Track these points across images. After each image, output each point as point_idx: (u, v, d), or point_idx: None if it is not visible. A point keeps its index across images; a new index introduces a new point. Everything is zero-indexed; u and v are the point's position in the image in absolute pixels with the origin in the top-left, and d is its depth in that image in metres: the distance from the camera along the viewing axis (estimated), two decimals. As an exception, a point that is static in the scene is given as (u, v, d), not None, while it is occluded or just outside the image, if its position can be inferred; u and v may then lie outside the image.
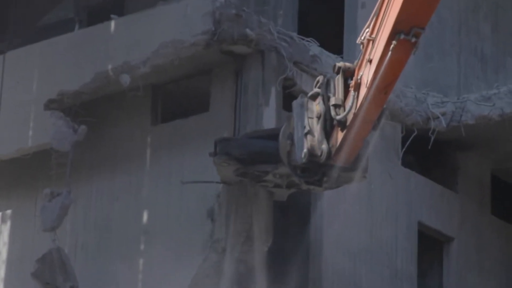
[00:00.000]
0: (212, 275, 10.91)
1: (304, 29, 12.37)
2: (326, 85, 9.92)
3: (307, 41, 11.68)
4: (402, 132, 12.54)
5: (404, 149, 11.32)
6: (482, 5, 13.17)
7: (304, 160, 10.04)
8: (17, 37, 13.16)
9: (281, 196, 11.17)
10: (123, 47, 11.73)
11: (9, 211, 12.46)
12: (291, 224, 11.29)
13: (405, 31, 8.83)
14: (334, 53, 11.92)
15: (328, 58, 11.62)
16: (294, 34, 11.72)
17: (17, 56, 12.54)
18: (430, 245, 12.58)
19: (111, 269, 11.67)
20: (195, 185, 11.44)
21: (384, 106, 9.87)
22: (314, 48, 11.56)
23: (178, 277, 11.09)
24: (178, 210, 11.45)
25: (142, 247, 11.55)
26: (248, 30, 10.96)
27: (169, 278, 11.12)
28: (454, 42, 11.87)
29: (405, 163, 11.95)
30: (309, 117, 9.99)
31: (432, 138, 12.06)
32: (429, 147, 12.12)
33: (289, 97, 11.35)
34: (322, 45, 11.78)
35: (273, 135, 10.62)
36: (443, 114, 12.20)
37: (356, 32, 12.00)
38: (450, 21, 13.13)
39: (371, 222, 11.33)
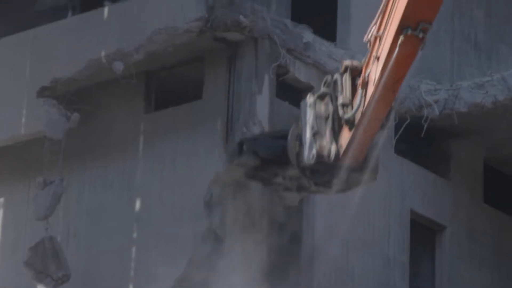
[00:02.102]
0: (204, 266, 10.93)
1: (298, 16, 12.34)
2: (334, 84, 9.92)
3: (300, 28, 11.67)
4: (395, 120, 11.99)
5: (397, 137, 11.33)
6: None
7: (312, 161, 10.04)
8: (9, 23, 13.04)
9: (292, 201, 11.19)
10: (116, 34, 11.78)
11: (1, 199, 12.52)
12: (284, 213, 11.24)
13: (412, 26, 8.84)
14: (327, 40, 11.93)
15: (321, 45, 11.68)
16: (288, 21, 11.76)
17: (9, 43, 12.56)
18: (422, 234, 12.70)
19: (103, 257, 11.76)
20: (188, 173, 11.48)
21: (392, 104, 9.91)
22: (307, 35, 11.64)
23: (170, 265, 11.01)
24: (171, 198, 11.51)
25: (134, 235, 11.66)
26: (241, 17, 10.99)
27: (162, 266, 10.99)
28: (447, 29, 12.05)
29: (398, 151, 11.99)
30: (317, 118, 9.99)
31: (425, 126, 11.96)
32: (422, 134, 11.97)
33: (282, 85, 11.49)
34: (316, 32, 11.84)
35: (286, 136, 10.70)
36: (436, 101, 12.27)
37: (349, 19, 12.55)
38: (444, 7, 12.30)
39: (364, 210, 11.28)
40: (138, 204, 11.89)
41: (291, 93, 11.78)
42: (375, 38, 9.36)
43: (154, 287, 11.17)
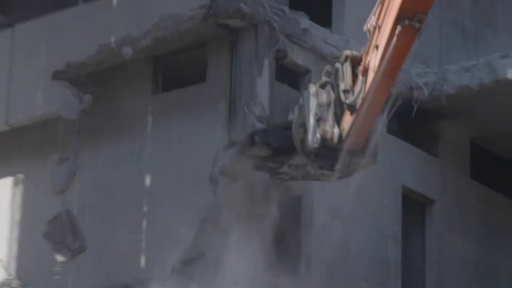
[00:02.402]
0: (210, 235, 11.09)
1: (295, 3, 12.34)
2: (335, 73, 10.12)
3: (298, 14, 11.73)
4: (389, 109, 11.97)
5: (389, 117, 11.14)
6: None
7: (317, 145, 10.18)
8: (24, 11, 12.96)
9: (296, 192, 11.41)
10: (125, 21, 11.80)
11: (21, 175, 12.51)
12: (284, 196, 11.37)
13: (409, 17, 9.04)
14: (323, 26, 12.01)
15: (317, 31, 11.77)
16: (286, 8, 11.79)
17: (25, 29, 12.64)
18: (413, 207, 12.76)
19: (116, 229, 11.83)
20: (193, 149, 11.52)
21: (391, 90, 10.07)
22: (304, 21, 11.69)
23: (178, 236, 11.15)
24: (177, 173, 11.57)
25: (145, 208, 11.75)
26: (242, 5, 11.06)
27: (171, 238, 11.18)
28: (435, 15, 12.04)
29: (390, 130, 12.01)
30: (319, 105, 10.15)
31: (415, 107, 12.20)
32: (413, 115, 12.19)
33: (281, 68, 11.56)
34: (312, 18, 11.87)
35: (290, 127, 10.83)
36: (426, 84, 12.41)
37: (344, 6, 12.40)
38: None
39: (359, 186, 11.16)
40: (147, 180, 11.89)
41: (289, 76, 11.84)
42: (374, 28, 9.58)
43: (163, 257, 11.27)
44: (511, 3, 14.53)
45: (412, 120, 12.56)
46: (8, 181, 12.85)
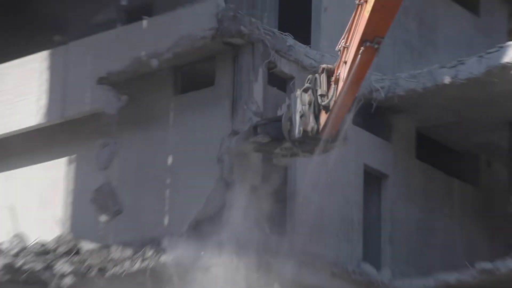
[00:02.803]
0: (218, 201, 11.11)
1: (282, 26, 12.30)
2: (314, 81, 10.15)
3: (285, 35, 11.69)
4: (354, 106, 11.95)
5: (354, 113, 11.14)
6: (411, 8, 13.06)
7: (300, 135, 10.24)
8: (76, 32, 13.06)
9: (285, 164, 11.34)
10: (153, 40, 11.78)
11: (74, 156, 12.55)
12: (274, 171, 11.36)
13: (369, 40, 9.21)
14: (304, 43, 11.99)
15: (299, 48, 11.75)
16: (275, 30, 11.80)
17: (77, 46, 12.64)
18: (372, 180, 12.78)
19: (145, 197, 11.85)
20: (205, 137, 11.47)
21: (356, 95, 10.13)
22: (289, 40, 11.66)
23: (194, 202, 11.25)
24: (193, 154, 11.54)
25: (168, 181, 11.73)
26: (242, 27, 11.06)
27: (188, 203, 11.29)
28: (389, 36, 11.17)
29: (355, 123, 11.91)
30: (303, 105, 10.17)
31: (374, 105, 12.26)
32: (372, 111, 12.23)
33: (272, 75, 11.52)
34: (295, 37, 11.78)
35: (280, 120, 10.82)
36: (382, 87, 12.43)
37: (320, 28, 12.47)
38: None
39: (331, 165, 11.16)
40: (169, 159, 11.88)
41: (278, 81, 11.78)
42: (343, 48, 9.65)
43: (181, 218, 11.29)
44: (450, 26, 14.41)
45: (372, 114, 12.50)
46: (64, 160, 12.75)
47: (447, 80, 12.05)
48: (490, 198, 13.94)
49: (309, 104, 10.16)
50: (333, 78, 9.93)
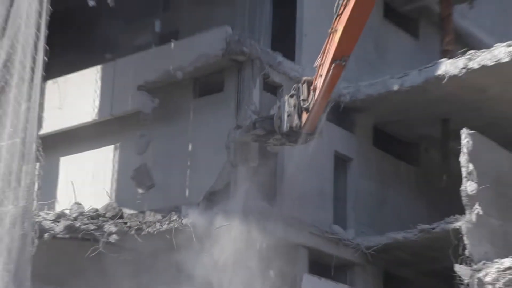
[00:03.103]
0: (225, 178, 11.21)
1: (274, 47, 12.40)
2: (298, 89, 10.22)
3: (276, 53, 11.79)
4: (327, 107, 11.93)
5: (327, 112, 11.08)
6: (369, 34, 12.80)
7: (287, 130, 10.27)
8: (122, 51, 13.13)
9: (276, 150, 11.37)
10: (178, 57, 11.80)
11: (118, 144, 12.65)
12: (268, 155, 11.42)
13: (339, 58, 9.49)
14: (290, 60, 12.01)
15: (287, 63, 11.82)
16: (269, 50, 11.90)
17: (122, 62, 12.70)
18: (340, 163, 12.84)
19: (172, 175, 11.90)
20: (216, 131, 11.47)
21: (329, 99, 10.26)
22: (279, 57, 11.74)
23: (208, 178, 11.39)
24: (207, 143, 11.64)
25: (188, 163, 11.89)
26: (244, 48, 11.19)
27: (203, 179, 11.42)
28: (354, 55, 11.00)
29: (328, 119, 11.60)
30: (289, 107, 10.23)
31: (342, 106, 12.42)
32: (340, 110, 12.41)
33: (266, 84, 11.67)
34: (284, 55, 11.87)
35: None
36: (348, 93, 12.58)
37: (302, 50, 12.46)
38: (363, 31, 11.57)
39: (311, 151, 11.32)
40: (190, 146, 11.90)
41: (271, 88, 11.76)
42: (320, 65, 9.83)
43: (198, 190, 11.34)
44: (397, 47, 14.40)
45: (340, 113, 12.49)
46: (112, 147, 12.69)
47: (395, 87, 12.17)
48: (428, 176, 13.79)
49: (294, 106, 10.16)
50: (312, 87, 9.99)
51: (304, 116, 10.09)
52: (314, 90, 9.95)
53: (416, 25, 14.97)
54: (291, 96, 10.22)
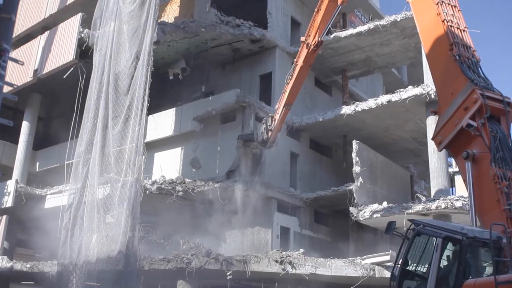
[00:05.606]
0: (237, 162, 12.25)
1: (261, 98, 13.94)
2: (267, 120, 11.07)
3: (260, 102, 13.22)
4: (287, 128, 13.90)
5: (281, 132, 11.97)
6: (305, 92, 14.12)
7: (261, 140, 11.11)
8: (186, 100, 14.42)
9: (256, 151, 12.11)
10: (213, 104, 13.21)
11: (183, 146, 13.68)
12: (256, 151, 12.25)
13: (287, 105, 10.51)
14: (268, 105, 13.48)
15: (266, 107, 13.21)
16: (257, 100, 13.38)
17: (185, 106, 14.30)
18: (293, 156, 13.74)
19: (210, 162, 13.25)
20: (229, 141, 12.22)
21: (282, 126, 10.91)
22: (262, 105, 13.19)
23: (227, 163, 12.72)
24: (227, 146, 12.88)
25: (217, 156, 13.24)
26: (246, 99, 12.82)
27: (226, 163, 12.60)
28: (297, 102, 11.82)
29: (287, 135, 13.46)
30: (264, 128, 11.13)
31: (294, 128, 13.85)
32: (293, 130, 13.88)
33: (258, 118, 12.71)
34: (266, 103, 13.35)
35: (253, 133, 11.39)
36: (296, 121, 13.98)
37: (274, 100, 13.40)
38: (302, 91, 12.25)
39: (276, 151, 12.38)
40: (218, 148, 13.32)
41: (259, 119, 12.75)
42: (277, 108, 10.69)
43: (222, 169, 12.67)
44: (321, 101, 15.40)
45: (293, 132, 14.07)
46: (179, 148, 14.11)
47: (320, 119, 13.79)
48: (336, 163, 15.43)
49: (265, 129, 11.12)
50: (273, 119, 10.94)
51: (270, 133, 11.15)
52: (275, 120, 10.99)
53: (330, 89, 16.53)
54: (263, 123, 11.20)
